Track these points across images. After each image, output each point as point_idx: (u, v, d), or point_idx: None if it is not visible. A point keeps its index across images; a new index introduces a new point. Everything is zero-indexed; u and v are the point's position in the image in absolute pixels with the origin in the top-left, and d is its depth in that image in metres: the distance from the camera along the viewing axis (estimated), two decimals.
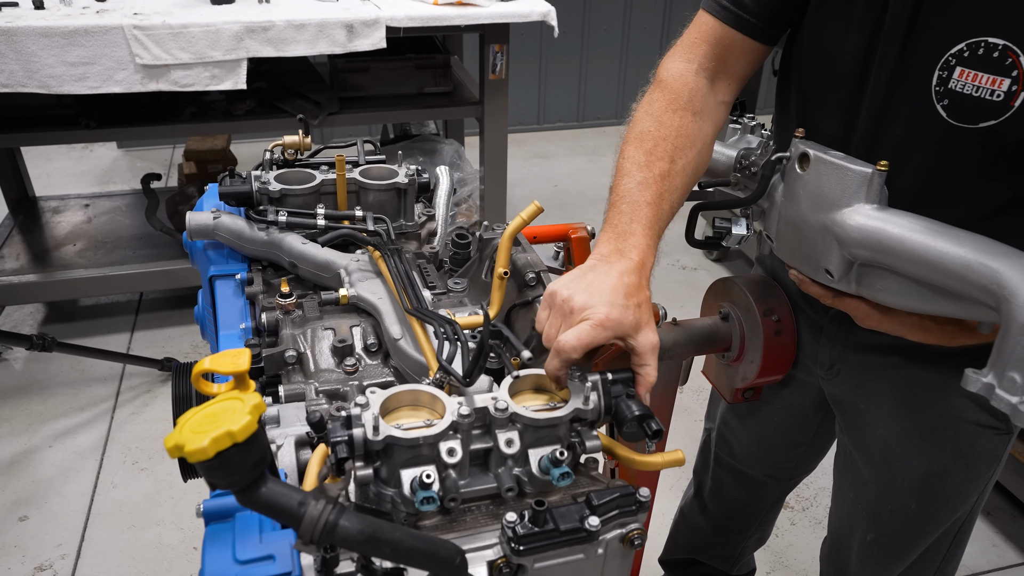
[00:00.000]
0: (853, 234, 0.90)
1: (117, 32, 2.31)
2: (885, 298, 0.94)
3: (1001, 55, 0.84)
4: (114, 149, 4.80)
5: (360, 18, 2.49)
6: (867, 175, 0.89)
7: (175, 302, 3.26)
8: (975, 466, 1.16)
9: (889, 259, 0.89)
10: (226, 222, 1.20)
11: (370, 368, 1.02)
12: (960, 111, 0.88)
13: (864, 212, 0.90)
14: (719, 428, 1.53)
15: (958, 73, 0.87)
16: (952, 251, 0.81)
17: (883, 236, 0.88)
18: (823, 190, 0.93)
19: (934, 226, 0.85)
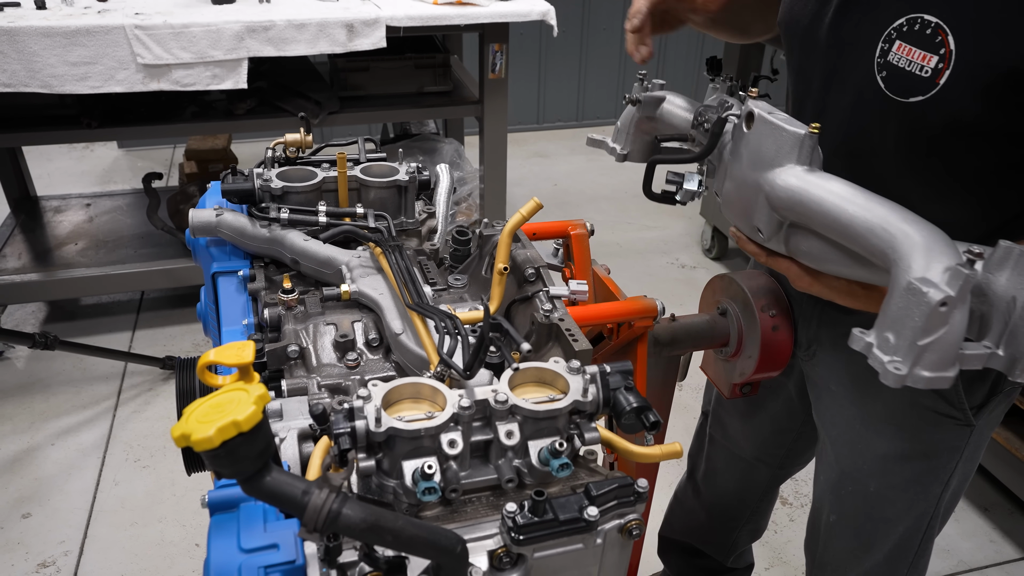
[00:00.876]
0: (780, 193, 0.91)
1: (119, 32, 2.32)
2: (810, 260, 0.95)
3: (933, 32, 0.88)
4: (115, 149, 4.81)
5: (360, 18, 2.50)
6: (799, 136, 0.89)
7: (176, 301, 3.28)
8: (934, 455, 1.18)
9: (808, 220, 0.90)
10: (228, 219, 1.21)
11: (372, 363, 1.03)
12: (895, 84, 0.92)
13: (793, 172, 0.91)
14: (714, 408, 1.57)
15: (896, 47, 0.92)
16: (860, 215, 0.83)
17: (804, 197, 0.89)
18: (761, 149, 0.94)
19: (852, 191, 0.86)
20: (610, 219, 4.05)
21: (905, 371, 0.70)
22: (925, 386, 0.70)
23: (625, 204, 4.21)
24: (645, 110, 1.20)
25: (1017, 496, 2.27)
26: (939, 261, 0.72)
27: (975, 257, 0.71)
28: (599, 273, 1.32)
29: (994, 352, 0.74)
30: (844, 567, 1.35)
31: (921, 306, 0.69)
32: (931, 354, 0.70)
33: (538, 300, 1.03)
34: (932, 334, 0.69)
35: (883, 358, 0.71)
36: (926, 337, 0.69)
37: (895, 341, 0.71)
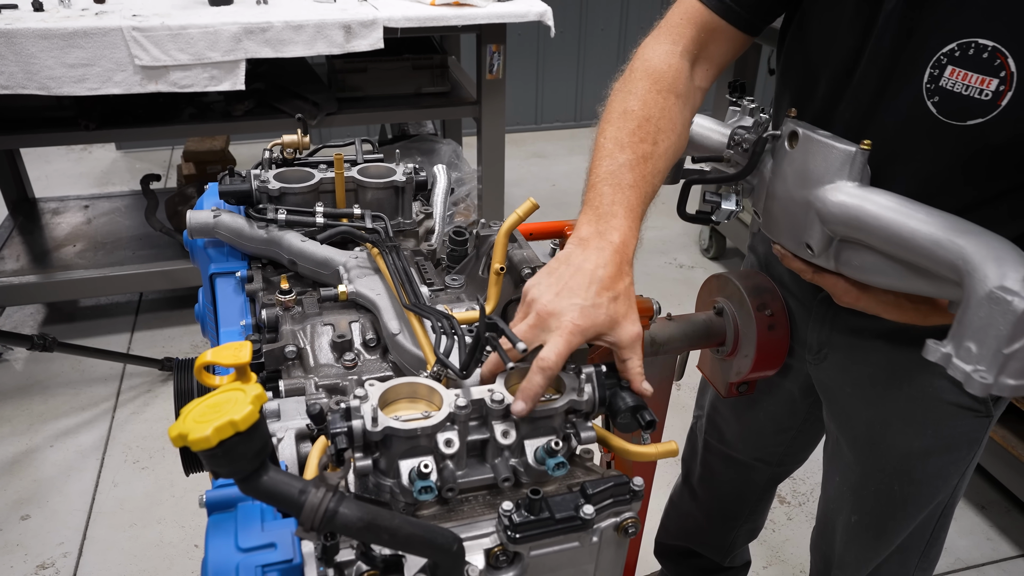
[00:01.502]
0: (833, 210, 0.93)
1: (116, 34, 2.32)
2: (861, 275, 0.97)
3: (991, 56, 0.86)
4: (113, 151, 4.81)
5: (358, 19, 2.50)
6: (851, 153, 0.92)
7: (174, 302, 3.28)
8: (955, 448, 1.18)
9: (865, 235, 0.91)
10: (226, 220, 1.21)
11: (369, 363, 1.03)
12: (950, 108, 0.90)
13: (845, 189, 0.93)
14: (708, 414, 1.56)
15: (949, 72, 0.89)
16: (923, 229, 0.84)
17: (860, 213, 0.90)
18: (808, 167, 0.96)
19: (909, 205, 0.88)
20: None
21: (991, 380, 0.71)
22: (1011, 394, 0.72)
23: None
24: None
25: (1014, 494, 2.27)
26: (1014, 270, 0.73)
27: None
28: None
29: None
30: (865, 563, 1.35)
31: (1007, 315, 0.70)
32: (1016, 362, 0.71)
33: None
34: (1017, 342, 0.71)
35: (966, 368, 0.73)
36: (1012, 345, 0.71)
37: (978, 350, 0.73)
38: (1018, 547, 2.26)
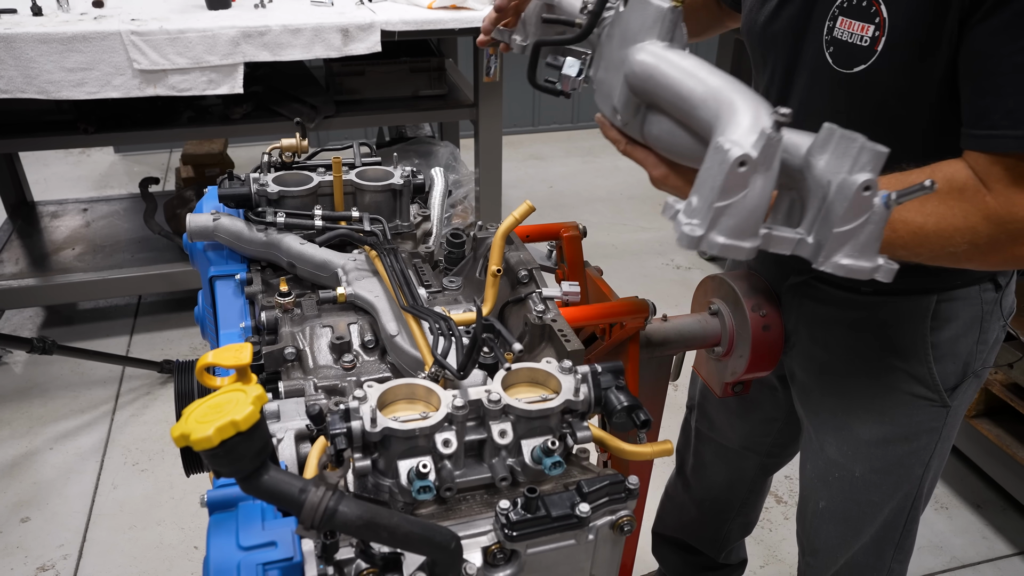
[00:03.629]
0: (635, 68, 0.88)
1: (115, 38, 2.33)
2: (660, 145, 0.92)
3: (868, 3, 0.94)
4: (111, 154, 4.82)
5: (355, 22, 2.51)
6: (661, 11, 0.88)
7: (173, 305, 3.29)
8: (915, 438, 1.22)
9: (656, 95, 0.86)
10: (225, 223, 1.22)
11: (367, 364, 1.05)
12: (841, 57, 0.99)
13: (650, 48, 0.88)
14: (699, 403, 1.60)
15: (839, 22, 0.98)
16: (697, 88, 0.79)
17: (654, 72, 0.85)
18: (628, 26, 0.92)
19: (699, 66, 0.83)
20: (606, 220, 4.07)
21: (700, 232, 0.65)
22: (720, 252, 0.66)
23: (620, 206, 4.23)
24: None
25: (1009, 493, 2.29)
26: (751, 125, 0.67)
27: (783, 119, 0.66)
28: (591, 274, 1.34)
29: (803, 239, 0.71)
30: (835, 552, 1.38)
31: (722, 164, 0.64)
32: (728, 218, 0.65)
33: (531, 301, 1.05)
34: (730, 196, 0.65)
35: (683, 220, 0.67)
36: (724, 199, 0.65)
37: (696, 203, 0.67)
38: (1014, 546, 2.28)
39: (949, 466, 2.51)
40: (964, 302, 1.14)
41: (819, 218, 0.69)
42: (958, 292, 1.13)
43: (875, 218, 0.67)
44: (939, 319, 1.14)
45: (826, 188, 0.68)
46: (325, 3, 2.69)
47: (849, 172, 0.67)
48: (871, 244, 0.68)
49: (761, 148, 0.64)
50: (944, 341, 1.15)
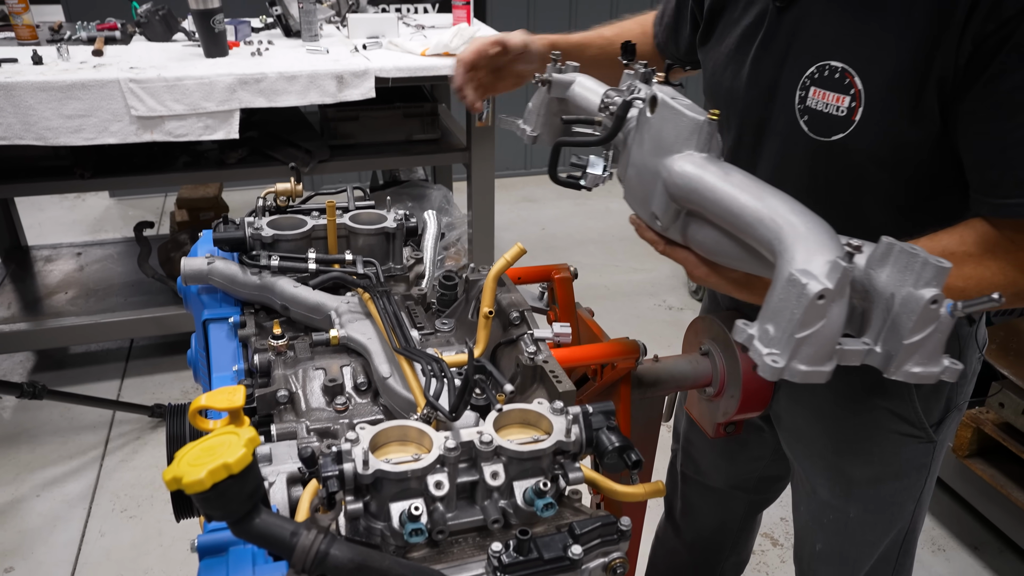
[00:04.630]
0: (677, 179, 0.90)
1: (113, 85, 2.38)
2: (704, 250, 0.95)
3: (841, 76, 0.97)
4: (106, 198, 4.85)
5: (350, 69, 2.57)
6: (699, 123, 0.90)
7: (165, 348, 3.28)
8: (905, 475, 1.23)
9: (702, 207, 0.89)
10: (220, 267, 1.23)
11: (360, 406, 1.05)
12: (816, 125, 1.01)
13: (691, 159, 0.90)
14: (683, 446, 1.59)
15: (812, 92, 1.00)
16: (751, 204, 0.81)
17: (699, 184, 0.88)
18: (662, 134, 0.93)
19: (747, 181, 0.85)
20: (598, 262, 4.10)
21: (782, 364, 0.68)
22: (801, 379, 0.68)
23: (613, 247, 4.26)
24: (556, 91, 1.20)
25: (1006, 535, 2.27)
26: (821, 254, 0.70)
27: (854, 251, 0.69)
28: (583, 316, 1.35)
29: (872, 349, 0.73)
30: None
31: (801, 298, 0.67)
32: (808, 347, 0.68)
33: (523, 343, 1.05)
34: (809, 327, 0.67)
35: (762, 350, 0.69)
36: (804, 330, 0.67)
37: (774, 333, 0.69)
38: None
39: (945, 507, 2.50)
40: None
41: (885, 329, 0.72)
42: None
43: (942, 327, 0.70)
44: None
45: (890, 300, 0.71)
46: (320, 51, 2.75)
47: (914, 286, 0.69)
48: (938, 350, 0.71)
49: (837, 280, 0.67)
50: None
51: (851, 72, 0.96)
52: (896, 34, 0.91)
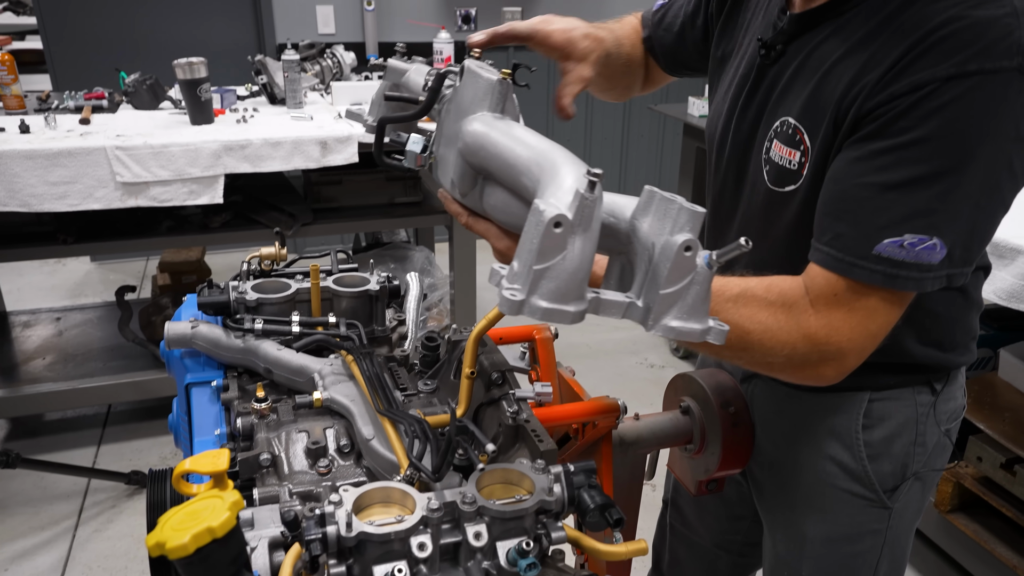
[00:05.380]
0: (467, 138, 0.89)
1: (99, 153, 2.41)
2: (500, 217, 0.92)
3: (793, 132, 1.02)
4: (87, 262, 4.84)
5: (334, 135, 2.63)
6: (491, 83, 0.89)
7: (144, 414, 3.23)
8: (858, 539, 1.21)
9: (488, 164, 0.87)
10: (203, 331, 1.24)
11: (343, 468, 1.05)
12: (774, 176, 1.06)
13: (483, 119, 0.89)
14: (672, 497, 1.60)
15: (775, 145, 1.06)
16: (524, 154, 0.79)
17: (485, 140, 0.86)
18: (463, 100, 0.93)
19: (529, 134, 0.83)
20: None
21: (521, 297, 0.64)
22: (543, 317, 0.64)
23: None
24: (390, 77, 1.17)
25: None
26: (570, 187, 0.67)
27: (595, 179, 0.64)
28: (564, 375, 1.37)
29: (633, 302, 0.70)
30: None
31: (538, 226, 0.63)
32: (548, 282, 0.64)
33: (504, 403, 1.07)
34: (548, 259, 0.63)
35: (504, 285, 0.65)
36: (543, 262, 0.63)
37: (517, 267, 0.65)
38: None
39: (931, 564, 2.49)
40: (897, 402, 1.15)
41: (647, 281, 0.69)
42: (891, 392, 1.15)
43: (700, 279, 0.67)
44: (872, 417, 1.15)
45: (651, 250, 0.68)
46: (305, 117, 2.82)
47: (671, 233, 0.67)
48: (699, 306, 0.68)
49: (576, 208, 0.63)
50: (877, 440, 1.16)
51: (801, 130, 1.01)
52: (832, 99, 0.97)
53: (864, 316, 0.93)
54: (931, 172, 0.87)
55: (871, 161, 0.90)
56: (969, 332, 1.17)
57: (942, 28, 0.86)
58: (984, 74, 0.84)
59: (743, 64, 1.16)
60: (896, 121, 0.88)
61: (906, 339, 1.09)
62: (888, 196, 0.89)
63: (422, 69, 1.13)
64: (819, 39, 1.01)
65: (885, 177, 0.89)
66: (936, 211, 0.88)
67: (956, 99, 0.85)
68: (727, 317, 0.92)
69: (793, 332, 0.94)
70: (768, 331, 0.94)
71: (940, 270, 0.91)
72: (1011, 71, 0.84)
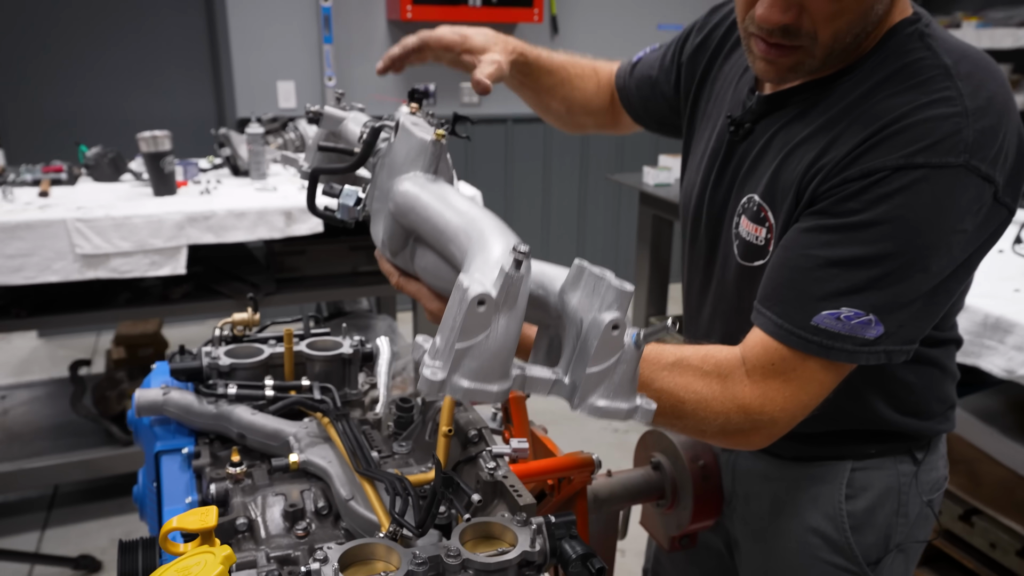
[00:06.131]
0: (398, 198, 0.88)
1: (59, 225, 2.39)
2: (430, 280, 0.91)
3: (759, 209, 1.07)
4: (34, 338, 4.70)
5: (298, 206, 2.66)
6: (425, 143, 0.88)
7: (93, 494, 3.10)
8: None
9: (418, 226, 0.86)
10: (175, 397, 1.23)
11: (321, 531, 1.04)
12: (743, 251, 1.11)
13: (415, 178, 0.88)
14: (653, 568, 1.59)
15: (742, 222, 1.10)
16: (454, 220, 0.77)
17: (416, 202, 0.85)
18: (396, 157, 0.91)
19: (460, 200, 0.82)
20: None
21: (442, 376, 0.62)
22: (464, 397, 0.63)
23: None
24: (327, 125, 1.16)
25: None
26: (497, 263, 0.65)
27: (522, 257, 0.63)
28: (536, 433, 1.39)
29: (560, 379, 0.68)
30: None
31: (461, 303, 0.61)
32: (471, 360, 0.62)
33: (482, 459, 1.08)
34: (471, 337, 0.61)
35: (426, 362, 0.63)
36: (465, 340, 0.61)
37: (439, 344, 0.63)
38: None
39: None
40: (879, 472, 1.17)
41: (574, 358, 0.67)
42: (872, 462, 1.17)
43: (627, 358, 0.66)
44: (854, 487, 1.17)
45: (579, 326, 0.67)
46: (268, 188, 2.85)
47: (599, 311, 0.66)
48: (626, 385, 0.67)
49: (501, 286, 0.61)
50: (860, 511, 1.17)
51: (765, 207, 1.06)
52: (794, 179, 1.03)
53: (798, 386, 0.97)
54: (874, 254, 0.93)
55: (819, 235, 0.96)
56: (946, 401, 1.20)
57: (896, 123, 0.93)
58: (931, 167, 0.91)
59: (714, 137, 1.20)
60: (846, 202, 0.94)
61: (884, 408, 1.13)
62: (830, 270, 0.94)
63: (359, 118, 1.13)
64: (785, 120, 1.07)
65: (829, 252, 0.95)
66: (874, 290, 0.93)
67: (903, 188, 0.91)
68: (662, 385, 0.96)
69: (727, 403, 0.97)
70: (703, 401, 0.97)
71: (876, 346, 0.95)
72: (957, 167, 0.91)
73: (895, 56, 0.98)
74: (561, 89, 1.42)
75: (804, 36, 0.96)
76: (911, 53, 0.97)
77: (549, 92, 1.42)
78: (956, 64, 0.94)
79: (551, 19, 4.95)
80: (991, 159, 0.91)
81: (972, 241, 0.96)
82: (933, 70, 0.94)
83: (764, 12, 0.94)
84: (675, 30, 1.39)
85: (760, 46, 1.00)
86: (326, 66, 4.54)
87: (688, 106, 1.32)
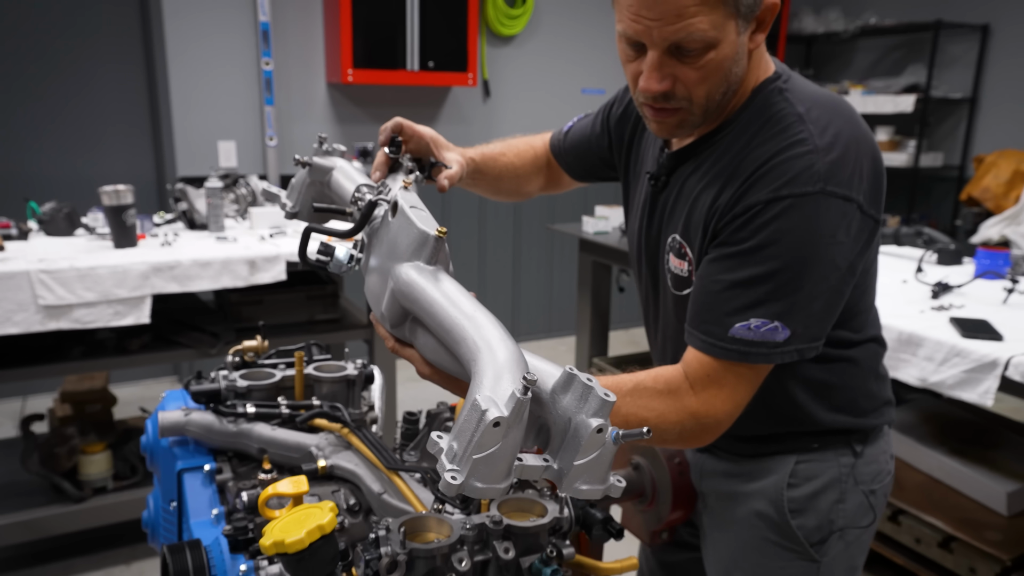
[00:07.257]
0: (401, 285, 0.96)
1: (22, 277, 2.39)
2: (426, 355, 1.01)
3: (680, 246, 1.24)
4: None
5: (262, 255, 2.74)
6: (426, 236, 0.97)
7: (35, 558, 2.98)
8: None
9: (421, 315, 0.95)
10: (196, 418, 1.32)
11: (354, 526, 1.14)
12: (674, 283, 1.28)
13: (418, 268, 0.96)
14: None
15: (670, 259, 1.26)
16: (459, 321, 0.87)
17: (418, 293, 0.94)
18: (397, 240, 1.00)
19: (461, 296, 0.91)
20: None
21: (460, 481, 0.72)
22: (477, 495, 0.73)
23: None
24: (315, 175, 1.24)
25: None
26: (506, 383, 0.75)
27: (529, 384, 0.73)
28: None
29: (550, 465, 0.78)
30: None
31: (480, 423, 0.71)
32: (484, 467, 0.72)
33: None
34: (486, 450, 0.72)
35: (445, 466, 0.73)
36: (481, 452, 0.71)
37: (457, 450, 0.73)
38: None
39: None
40: (823, 464, 1.32)
41: (562, 448, 0.78)
42: (816, 455, 1.32)
43: (606, 451, 0.77)
44: (798, 477, 1.32)
45: (567, 424, 0.78)
46: (229, 240, 2.92)
47: (587, 415, 0.76)
48: (604, 471, 0.78)
49: (513, 409, 0.72)
50: (802, 497, 1.31)
51: (684, 244, 1.23)
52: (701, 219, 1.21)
53: (732, 389, 1.15)
54: (767, 271, 1.12)
55: (722, 263, 1.16)
56: (875, 398, 1.35)
57: (764, 165, 1.14)
58: (795, 197, 1.10)
59: (641, 191, 1.40)
60: (737, 232, 1.14)
61: (815, 408, 1.30)
62: (735, 290, 1.14)
63: (347, 171, 1.22)
64: (690, 171, 1.27)
65: (732, 275, 1.14)
66: (773, 301, 1.12)
67: (776, 216, 1.11)
68: (628, 410, 1.12)
69: (681, 413, 1.13)
70: (662, 416, 1.14)
71: (788, 346, 1.14)
72: (815, 194, 1.09)
73: (760, 110, 1.16)
74: (507, 171, 1.60)
75: (681, 99, 1.16)
76: (772, 107, 1.16)
77: (498, 180, 1.59)
78: (808, 111, 1.14)
79: (483, 83, 5.22)
80: (846, 182, 1.10)
81: (851, 249, 1.13)
82: (790, 118, 1.14)
83: (644, 84, 1.15)
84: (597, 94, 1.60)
85: (648, 111, 1.21)
86: (267, 127, 4.64)
87: (622, 164, 1.53)
